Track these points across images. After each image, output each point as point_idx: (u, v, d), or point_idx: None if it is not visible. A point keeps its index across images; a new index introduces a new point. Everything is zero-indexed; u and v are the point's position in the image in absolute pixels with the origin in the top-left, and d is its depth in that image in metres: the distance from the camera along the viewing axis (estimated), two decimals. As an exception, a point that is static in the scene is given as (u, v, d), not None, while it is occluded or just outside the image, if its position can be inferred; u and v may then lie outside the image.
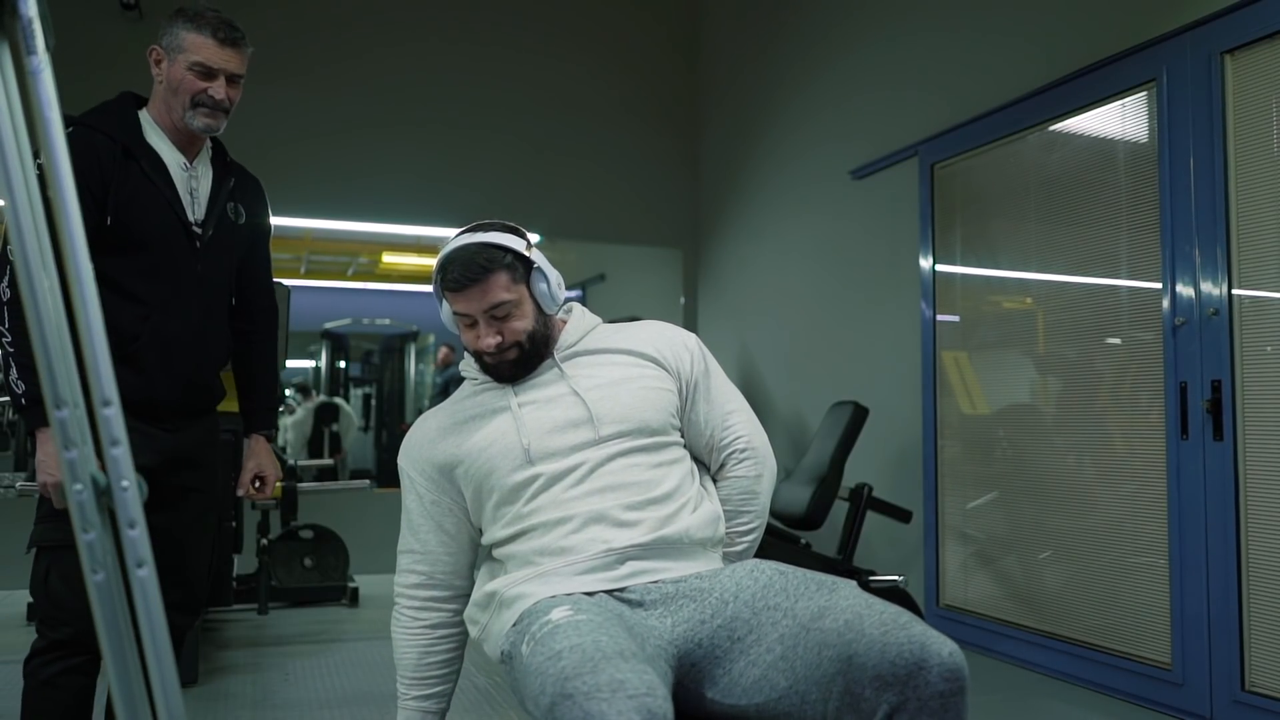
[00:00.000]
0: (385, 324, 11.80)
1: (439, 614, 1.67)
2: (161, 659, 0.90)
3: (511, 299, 1.59)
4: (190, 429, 2.02)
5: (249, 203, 2.15)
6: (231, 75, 1.94)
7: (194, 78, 1.91)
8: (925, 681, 1.17)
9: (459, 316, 1.62)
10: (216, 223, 2.02)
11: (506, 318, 1.59)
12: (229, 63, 1.93)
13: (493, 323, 1.59)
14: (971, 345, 3.95)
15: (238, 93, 1.98)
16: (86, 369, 0.90)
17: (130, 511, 0.89)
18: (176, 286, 1.95)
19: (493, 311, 1.58)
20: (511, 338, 1.60)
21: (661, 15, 6.35)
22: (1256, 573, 2.73)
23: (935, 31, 4.16)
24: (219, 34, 1.91)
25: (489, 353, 1.61)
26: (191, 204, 1.97)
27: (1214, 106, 2.85)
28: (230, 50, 1.93)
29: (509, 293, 1.58)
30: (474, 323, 1.60)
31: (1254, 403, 2.75)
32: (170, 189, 1.94)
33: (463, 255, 1.58)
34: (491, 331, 1.59)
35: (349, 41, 5.68)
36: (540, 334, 1.64)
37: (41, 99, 0.90)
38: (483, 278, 1.56)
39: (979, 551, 3.84)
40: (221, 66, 1.92)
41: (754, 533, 1.71)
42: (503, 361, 1.62)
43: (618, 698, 1.11)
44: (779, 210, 5.40)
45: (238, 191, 2.10)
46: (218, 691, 3.22)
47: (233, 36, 1.94)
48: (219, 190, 2.04)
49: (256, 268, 2.25)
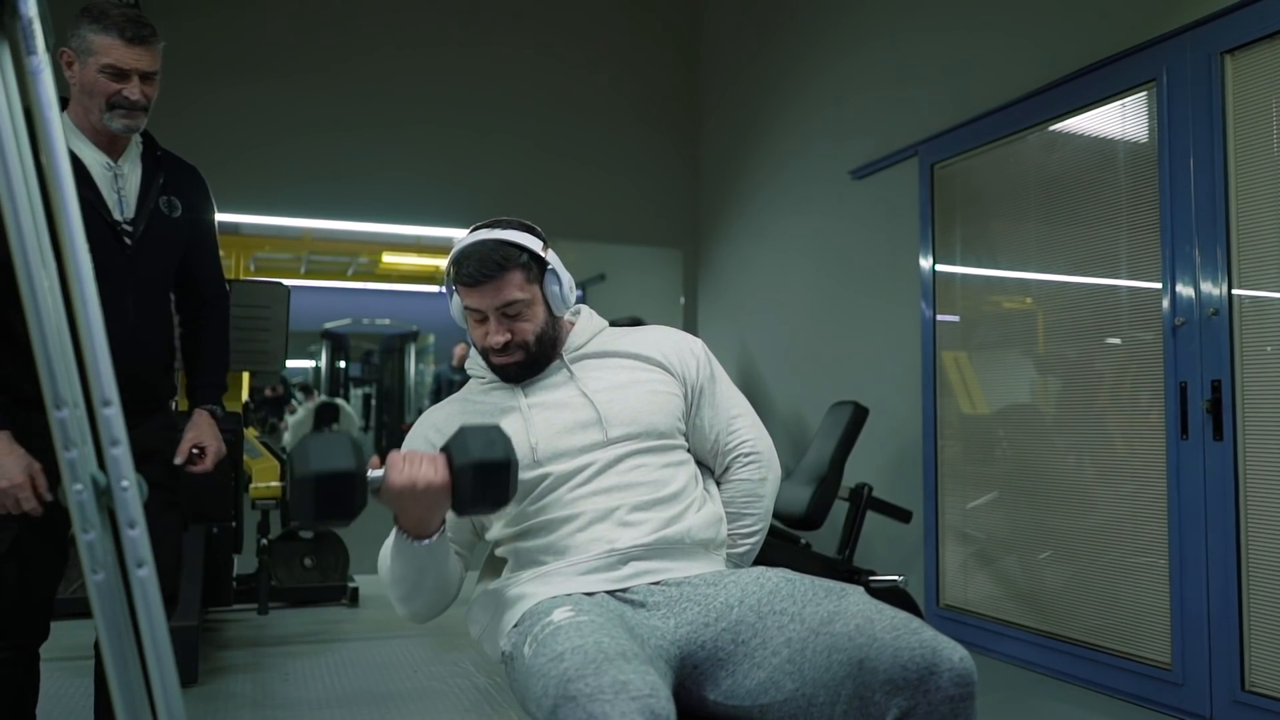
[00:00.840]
0: (385, 324, 11.82)
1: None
2: (161, 659, 0.90)
3: (524, 298, 1.59)
4: (142, 426, 1.99)
5: (185, 194, 2.10)
6: (144, 73, 1.89)
7: (106, 80, 1.86)
8: (936, 686, 1.17)
9: (470, 311, 1.62)
10: (149, 219, 1.99)
11: (517, 317, 1.60)
12: (140, 61, 1.88)
13: (504, 320, 1.59)
14: (971, 345, 3.95)
15: (154, 89, 1.93)
16: (86, 369, 0.90)
17: (130, 511, 0.89)
18: (106, 288, 1.92)
19: (505, 309, 1.58)
20: (520, 338, 1.60)
21: (661, 15, 6.35)
22: (1256, 573, 2.73)
23: (935, 31, 4.16)
24: (126, 33, 1.85)
25: (496, 350, 1.61)
26: (119, 203, 1.95)
27: (1214, 106, 2.85)
28: (140, 48, 1.88)
29: (522, 292, 1.59)
30: (484, 319, 1.61)
31: (1254, 403, 2.75)
32: (92, 190, 1.90)
33: (479, 251, 1.58)
34: (502, 329, 1.59)
35: (349, 42, 5.68)
36: (548, 336, 1.64)
37: (41, 99, 0.90)
38: (498, 275, 1.56)
39: (979, 551, 3.84)
40: (133, 66, 1.87)
41: (756, 535, 1.71)
42: (509, 363, 1.62)
43: (621, 699, 1.12)
44: (779, 210, 5.40)
45: (171, 185, 2.05)
46: (218, 691, 3.22)
47: (141, 34, 1.87)
48: (149, 186, 2.01)
49: (201, 259, 2.20)
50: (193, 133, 5.29)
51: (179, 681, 0.92)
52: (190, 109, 5.32)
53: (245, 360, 4.19)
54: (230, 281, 4.20)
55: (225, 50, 5.45)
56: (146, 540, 0.89)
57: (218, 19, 5.45)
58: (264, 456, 4.43)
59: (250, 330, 4.16)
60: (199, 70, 5.37)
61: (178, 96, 5.29)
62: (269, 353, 4.23)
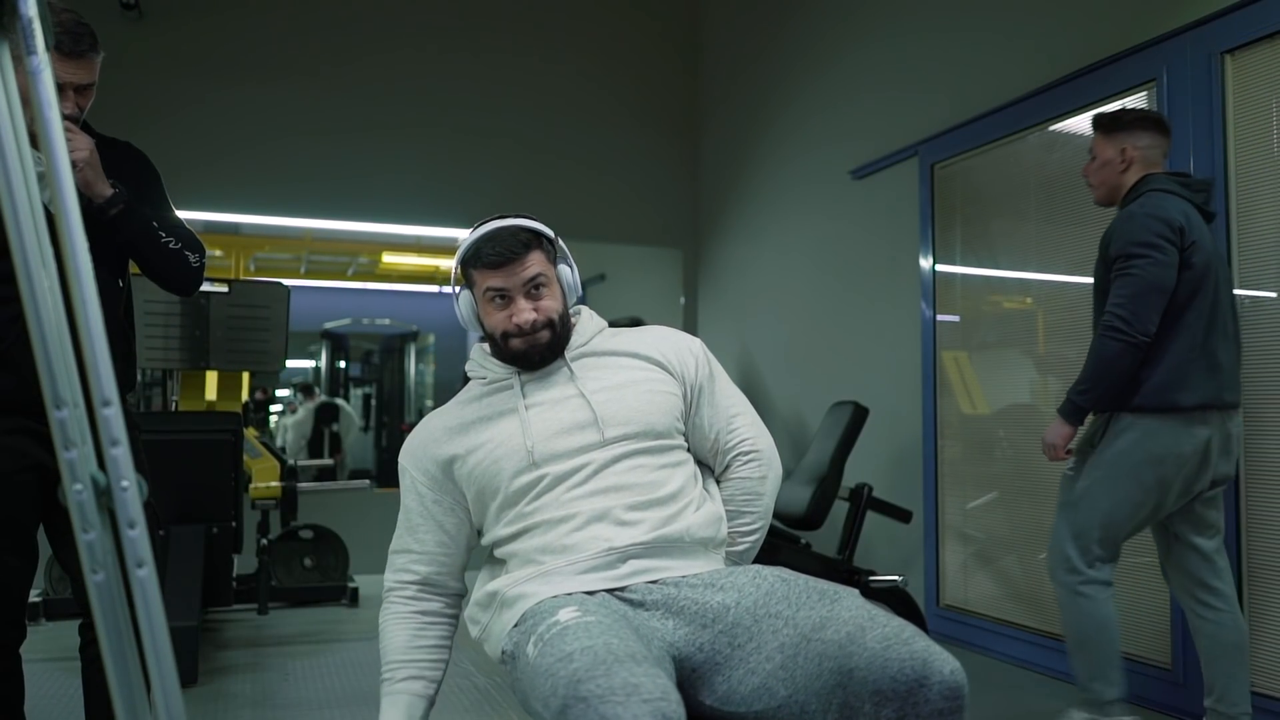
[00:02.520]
0: (385, 324, 11.81)
1: (433, 604, 1.67)
2: (161, 659, 0.90)
3: (548, 275, 1.64)
4: None
5: (127, 177, 2.02)
6: (79, 86, 1.84)
7: None
8: (925, 699, 1.16)
9: (491, 293, 1.62)
10: (85, 208, 1.91)
11: (542, 294, 1.62)
12: (75, 75, 1.82)
13: (531, 296, 1.61)
14: (971, 345, 3.95)
15: (89, 99, 1.88)
16: (86, 369, 0.90)
17: (130, 511, 0.89)
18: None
19: (532, 283, 1.61)
20: (545, 315, 1.62)
21: (661, 16, 6.35)
22: (1256, 573, 2.73)
23: (935, 31, 4.16)
24: (63, 47, 1.78)
25: (525, 329, 1.61)
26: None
27: (1214, 106, 2.85)
28: (74, 62, 1.81)
29: (545, 268, 1.63)
30: (508, 301, 1.61)
31: (1254, 403, 2.75)
32: None
33: (501, 234, 1.61)
34: (530, 306, 1.61)
35: (350, 43, 5.68)
36: (565, 320, 1.67)
37: (41, 99, 0.90)
38: (524, 253, 1.60)
39: (979, 551, 3.84)
40: (67, 80, 1.81)
41: (756, 533, 1.71)
42: (535, 343, 1.62)
43: (632, 701, 1.11)
44: (779, 210, 5.40)
45: (111, 171, 1.97)
46: (218, 691, 3.22)
47: (78, 49, 1.81)
48: None
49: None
50: (193, 133, 5.30)
51: (179, 681, 0.92)
52: (190, 109, 5.33)
53: (245, 360, 4.20)
54: (230, 281, 4.23)
55: (225, 50, 5.45)
56: (146, 540, 0.89)
57: (218, 19, 5.45)
58: (264, 456, 4.43)
59: (250, 330, 4.17)
60: (199, 70, 5.38)
61: (178, 96, 5.32)
62: (269, 353, 4.23)
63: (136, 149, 2.11)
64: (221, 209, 5.88)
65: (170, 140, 4.94)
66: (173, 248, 2.01)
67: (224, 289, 4.17)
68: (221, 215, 6.71)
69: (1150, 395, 2.41)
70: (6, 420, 1.84)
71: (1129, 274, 2.37)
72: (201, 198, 5.40)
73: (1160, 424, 2.41)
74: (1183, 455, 2.40)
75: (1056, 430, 2.56)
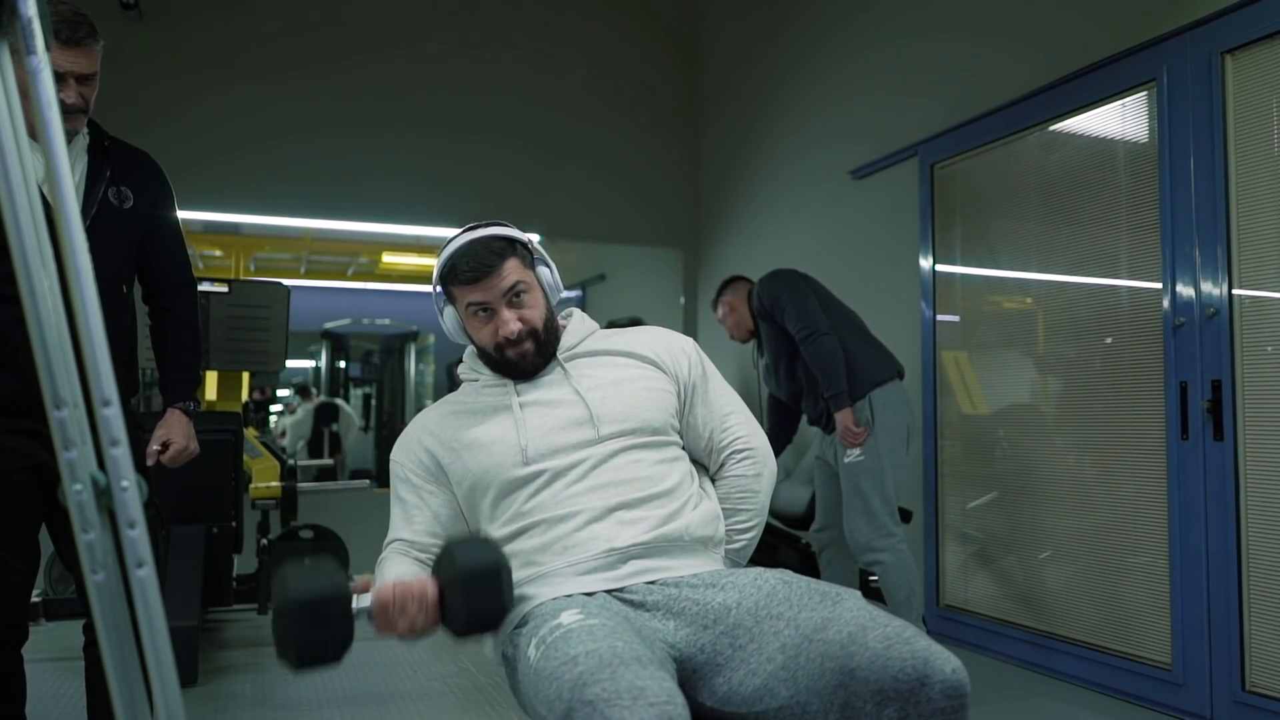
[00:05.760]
0: (385, 324, 11.81)
1: (428, 566, 1.62)
2: (161, 659, 0.90)
3: (527, 280, 1.62)
4: None
5: (136, 183, 2.03)
6: (81, 76, 1.84)
7: None
8: (927, 698, 1.16)
9: (474, 308, 1.62)
10: (96, 211, 1.94)
11: (523, 303, 1.62)
12: (76, 64, 1.83)
13: (513, 305, 1.61)
14: (971, 345, 3.95)
15: (92, 89, 1.88)
16: (86, 369, 0.90)
17: (130, 511, 0.89)
18: None
19: (512, 292, 1.60)
20: (529, 325, 1.62)
21: (661, 15, 6.35)
22: (1256, 573, 2.73)
23: (935, 32, 4.16)
24: (61, 35, 1.79)
25: (511, 340, 1.61)
26: None
27: (1214, 106, 2.84)
28: (74, 51, 1.81)
29: (523, 275, 1.62)
30: (491, 314, 1.61)
31: (1254, 403, 2.75)
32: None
33: (472, 249, 1.60)
34: (514, 316, 1.61)
35: (350, 42, 5.68)
36: (551, 324, 1.66)
37: (41, 99, 0.90)
38: (498, 264, 1.59)
39: (979, 551, 3.83)
40: (68, 69, 1.82)
41: (752, 531, 1.71)
42: (523, 353, 1.62)
43: (639, 705, 1.11)
44: (779, 210, 5.39)
45: (119, 175, 2.00)
46: (218, 691, 3.22)
47: (76, 36, 1.81)
48: (95, 178, 1.96)
49: (162, 246, 2.13)
50: (192, 132, 5.30)
51: (179, 681, 0.92)
52: (190, 109, 5.32)
53: (245, 360, 4.19)
54: (230, 281, 4.23)
55: (225, 50, 5.45)
56: (146, 540, 0.89)
57: (217, 18, 5.45)
58: (264, 456, 4.42)
59: (250, 330, 4.16)
60: (198, 70, 5.38)
61: (177, 96, 5.32)
62: (269, 353, 4.23)
63: (154, 161, 2.12)
64: (221, 209, 5.88)
65: (170, 140, 4.94)
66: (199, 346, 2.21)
67: (224, 289, 4.16)
68: (221, 215, 6.71)
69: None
70: (9, 421, 1.84)
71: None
72: (201, 198, 5.39)
73: None
74: None
75: None
